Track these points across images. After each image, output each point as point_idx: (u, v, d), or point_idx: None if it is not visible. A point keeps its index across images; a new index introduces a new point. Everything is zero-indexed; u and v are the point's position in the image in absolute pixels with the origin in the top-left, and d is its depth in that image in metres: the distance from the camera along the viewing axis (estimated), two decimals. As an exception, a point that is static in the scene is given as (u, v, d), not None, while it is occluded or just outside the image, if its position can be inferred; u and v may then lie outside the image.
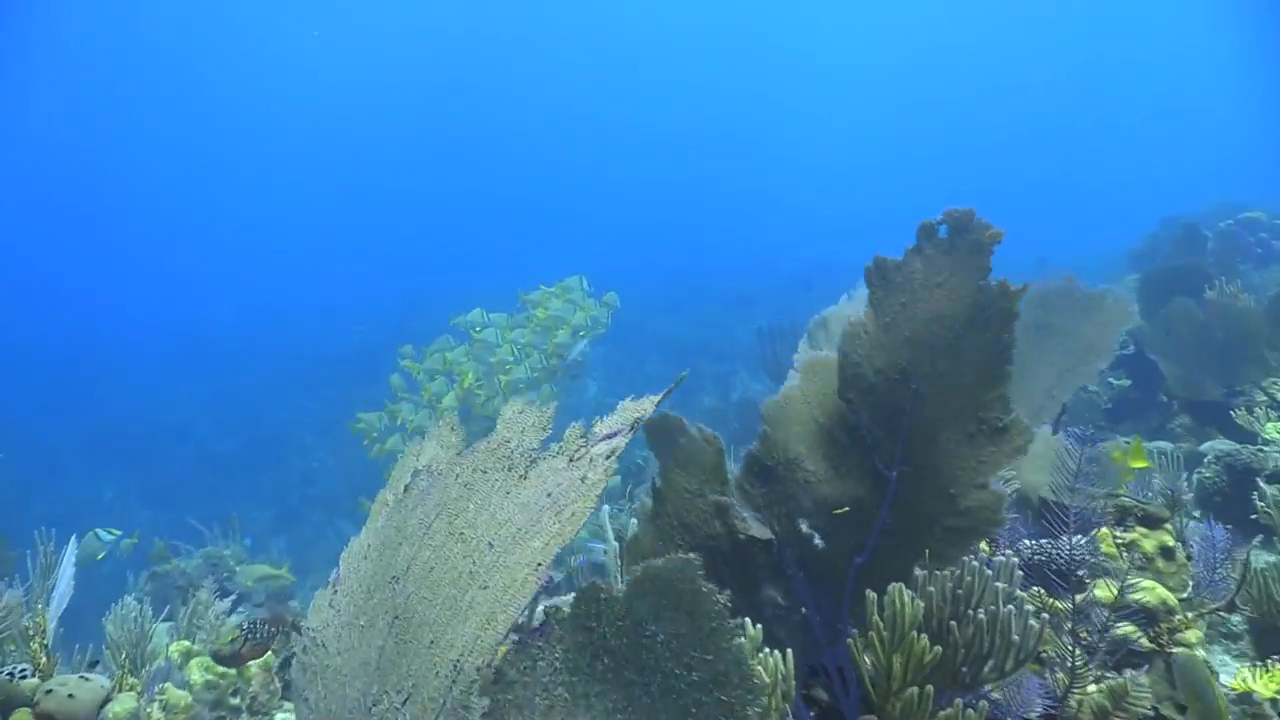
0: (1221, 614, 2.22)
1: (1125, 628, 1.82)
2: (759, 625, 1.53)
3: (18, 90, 29.34)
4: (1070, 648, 1.60)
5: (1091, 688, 1.67)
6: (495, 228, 35.81)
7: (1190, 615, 2.02)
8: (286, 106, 41.07)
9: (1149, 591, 1.95)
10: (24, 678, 1.98)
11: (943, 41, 40.92)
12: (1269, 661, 1.92)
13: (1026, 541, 2.00)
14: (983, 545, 1.85)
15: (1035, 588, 1.89)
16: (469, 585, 1.33)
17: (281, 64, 39.26)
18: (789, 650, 1.49)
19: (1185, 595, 2.15)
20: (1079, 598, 1.57)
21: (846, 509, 1.73)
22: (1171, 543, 2.26)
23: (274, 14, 35.99)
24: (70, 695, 1.95)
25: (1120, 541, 2.19)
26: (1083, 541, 1.74)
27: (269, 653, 2.38)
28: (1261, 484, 3.06)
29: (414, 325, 16.55)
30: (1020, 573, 1.54)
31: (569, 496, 1.33)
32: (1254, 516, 2.94)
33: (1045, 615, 1.43)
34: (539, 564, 1.27)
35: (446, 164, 46.56)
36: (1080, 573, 1.78)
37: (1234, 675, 1.94)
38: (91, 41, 31.00)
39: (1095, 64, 38.51)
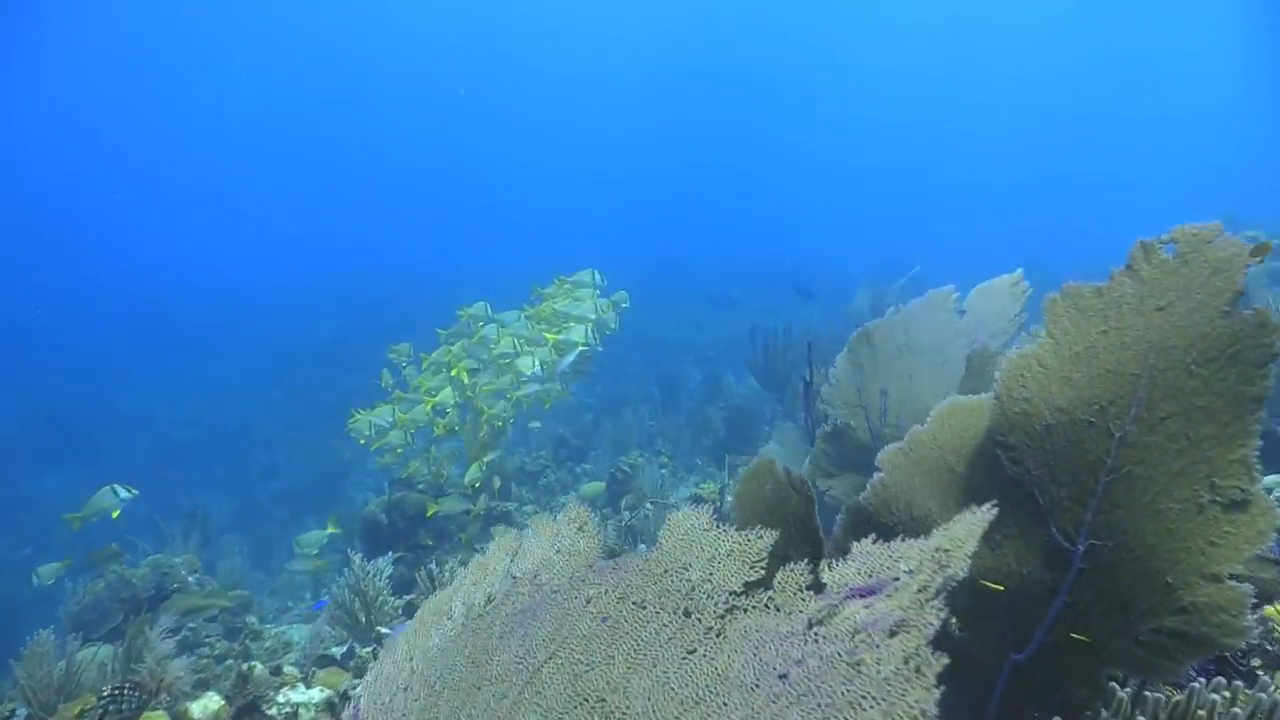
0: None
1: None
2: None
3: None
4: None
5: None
6: (466, 214, 35.29)
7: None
8: (252, 82, 39.89)
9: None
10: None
11: (943, 42, 40.90)
12: None
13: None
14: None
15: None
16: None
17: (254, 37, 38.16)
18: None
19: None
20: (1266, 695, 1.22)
21: (1002, 587, 1.36)
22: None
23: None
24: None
25: None
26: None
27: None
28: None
29: (387, 315, 16.12)
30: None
31: (830, 692, 0.82)
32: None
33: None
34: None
35: (427, 148, 45.89)
36: (1252, 661, 1.47)
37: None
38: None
39: (1109, 70, 38.38)
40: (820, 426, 4.05)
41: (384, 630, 3.10)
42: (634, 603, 0.98)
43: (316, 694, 2.53)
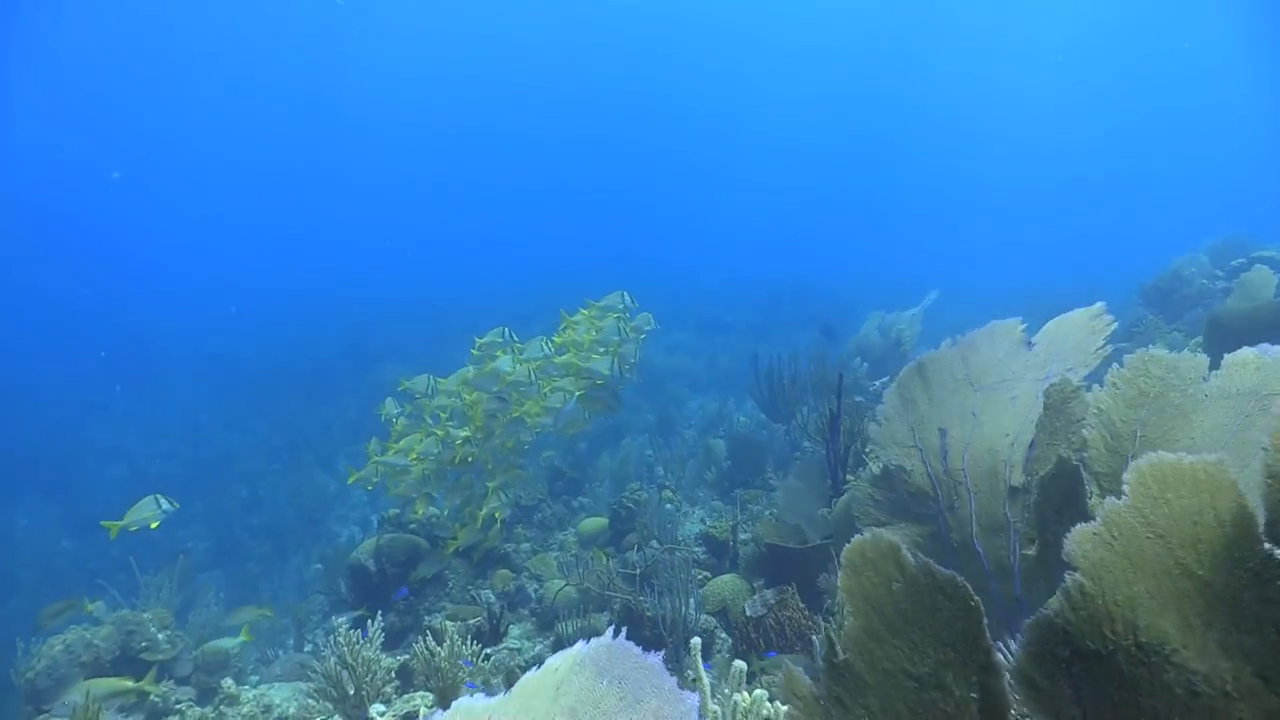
0: None
1: None
2: None
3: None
4: None
5: None
6: (440, 236, 34.97)
7: None
8: (228, 97, 39.51)
9: None
10: None
11: (937, 55, 41.13)
12: None
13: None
14: None
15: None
16: None
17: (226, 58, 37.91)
18: None
19: None
20: None
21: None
22: None
23: None
24: None
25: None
26: None
27: None
28: None
29: (371, 342, 15.75)
30: None
31: None
32: None
33: None
34: None
35: (409, 162, 45.80)
36: None
37: None
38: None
39: (1124, 90, 38.48)
40: (864, 467, 3.75)
41: (376, 714, 2.75)
42: None
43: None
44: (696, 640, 1.92)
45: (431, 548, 4.98)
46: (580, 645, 1.11)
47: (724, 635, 3.69)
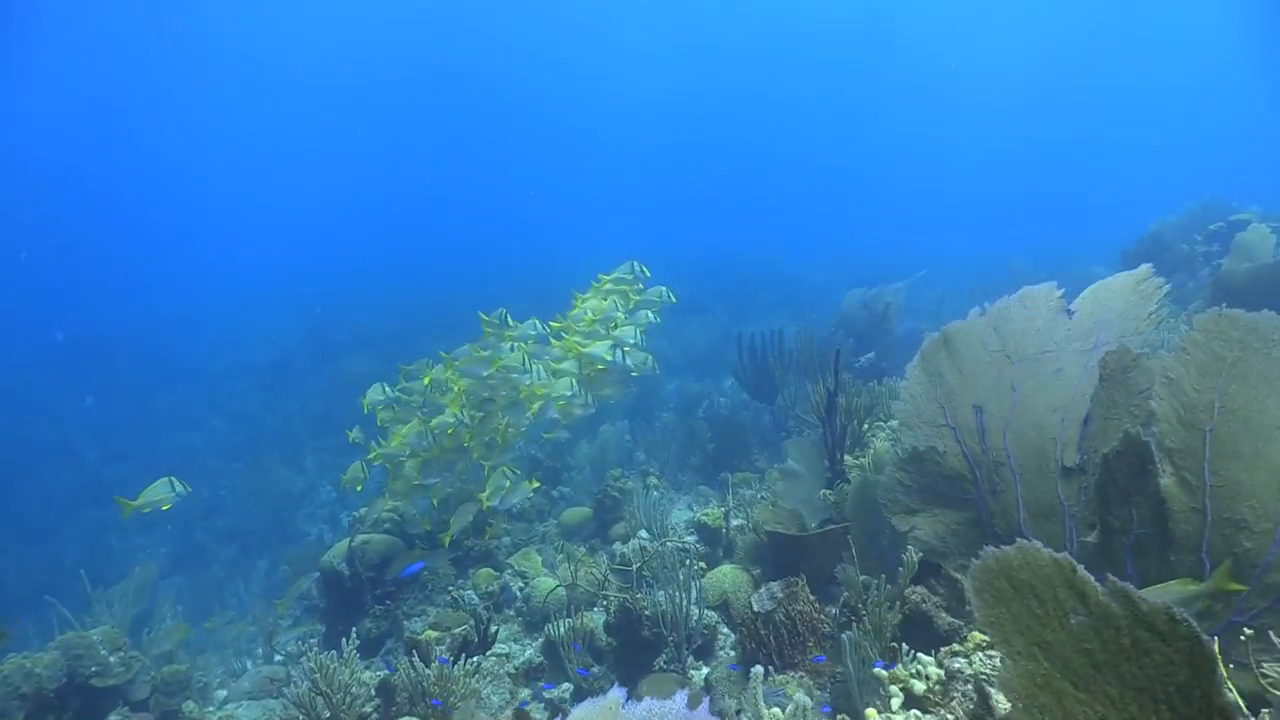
0: None
1: None
2: None
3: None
4: None
5: None
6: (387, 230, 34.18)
7: None
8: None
9: None
10: None
11: (912, 42, 41.05)
12: None
13: None
14: None
15: None
16: None
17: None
18: None
19: None
20: None
21: None
22: None
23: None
24: None
25: None
26: None
27: None
28: None
29: (331, 335, 15.22)
30: None
31: None
32: None
33: None
34: None
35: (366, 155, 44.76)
36: None
37: None
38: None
39: (1101, 62, 38.53)
40: (862, 447, 3.53)
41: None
42: None
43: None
44: (758, 670, 1.67)
45: (409, 548, 4.68)
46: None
47: (727, 631, 3.46)
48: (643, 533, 4.93)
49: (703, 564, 4.09)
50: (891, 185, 34.94)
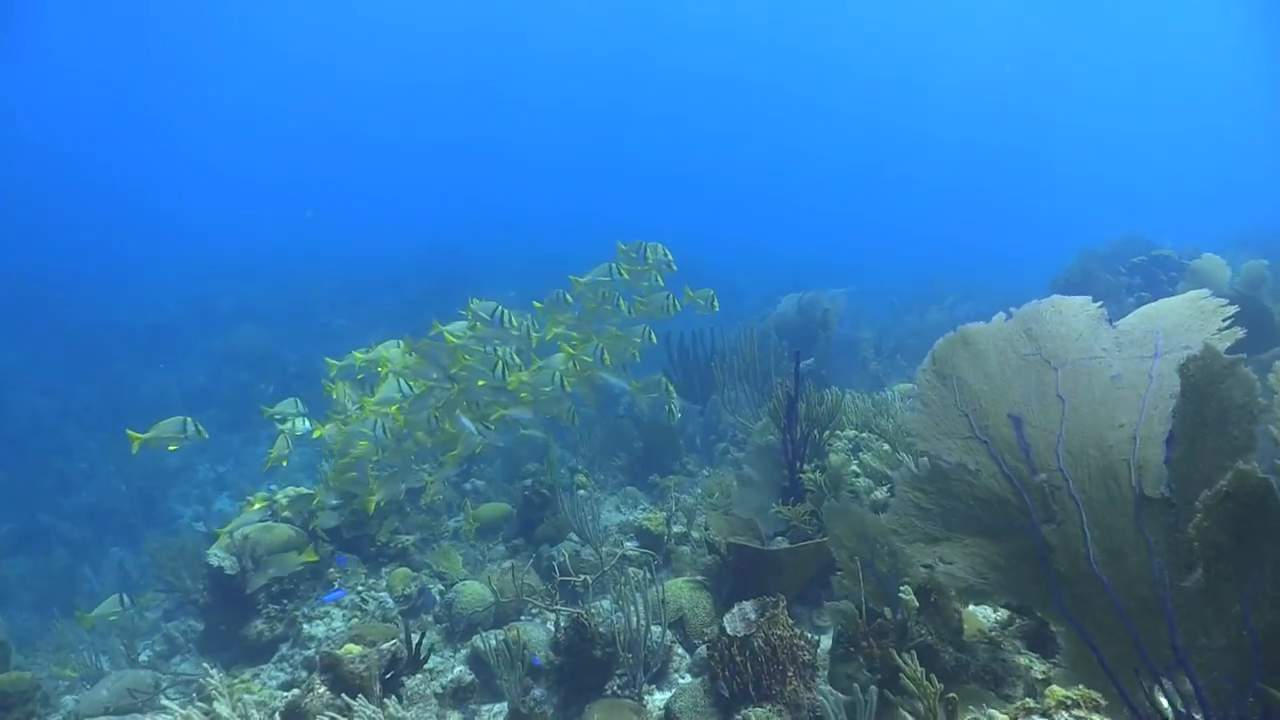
0: None
1: None
2: None
3: None
4: None
5: None
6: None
7: None
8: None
9: None
10: None
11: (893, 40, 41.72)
12: None
13: None
14: None
15: None
16: None
17: None
18: None
19: None
20: None
21: None
22: None
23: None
24: None
25: None
26: None
27: None
28: None
29: (221, 301, 14.02)
30: None
31: None
32: None
33: None
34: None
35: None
36: None
37: None
38: None
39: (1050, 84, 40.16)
40: (821, 456, 3.30)
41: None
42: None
43: None
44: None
45: (310, 539, 4.13)
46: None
47: (682, 652, 3.14)
48: (572, 535, 4.56)
49: (649, 575, 3.76)
50: (813, 194, 35.74)
